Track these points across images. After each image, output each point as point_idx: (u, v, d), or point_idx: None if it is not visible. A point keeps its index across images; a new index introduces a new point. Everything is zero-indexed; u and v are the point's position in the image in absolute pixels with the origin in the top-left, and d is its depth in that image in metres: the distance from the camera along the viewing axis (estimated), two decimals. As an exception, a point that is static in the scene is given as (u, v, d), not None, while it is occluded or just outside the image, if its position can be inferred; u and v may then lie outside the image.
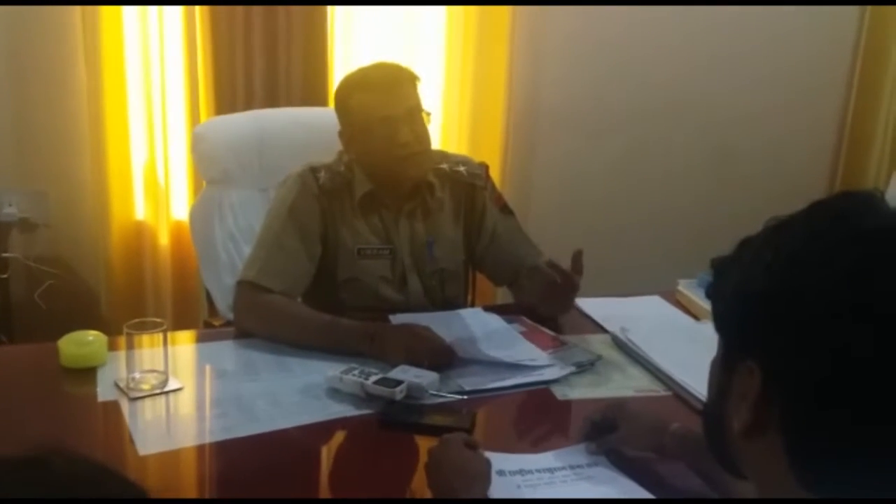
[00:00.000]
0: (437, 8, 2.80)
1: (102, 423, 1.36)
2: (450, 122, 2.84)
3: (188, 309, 2.73)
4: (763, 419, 0.67)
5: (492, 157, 2.78)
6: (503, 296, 2.02)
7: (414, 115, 1.69)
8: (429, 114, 1.73)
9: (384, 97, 1.68)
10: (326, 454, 1.34)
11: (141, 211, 2.69)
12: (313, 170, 1.75)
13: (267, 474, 1.21)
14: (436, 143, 1.92)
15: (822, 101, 3.24)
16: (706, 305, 1.86)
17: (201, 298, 2.70)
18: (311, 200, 1.73)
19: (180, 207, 2.72)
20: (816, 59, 3.15)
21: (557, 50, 2.93)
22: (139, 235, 2.69)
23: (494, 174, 2.11)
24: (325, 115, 2.46)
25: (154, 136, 2.62)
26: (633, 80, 3.01)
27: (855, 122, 3.26)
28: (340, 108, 1.76)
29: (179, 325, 2.60)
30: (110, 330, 2.50)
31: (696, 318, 1.86)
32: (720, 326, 0.75)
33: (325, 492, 1.26)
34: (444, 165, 1.82)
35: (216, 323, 2.11)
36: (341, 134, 1.77)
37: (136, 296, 2.70)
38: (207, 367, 1.54)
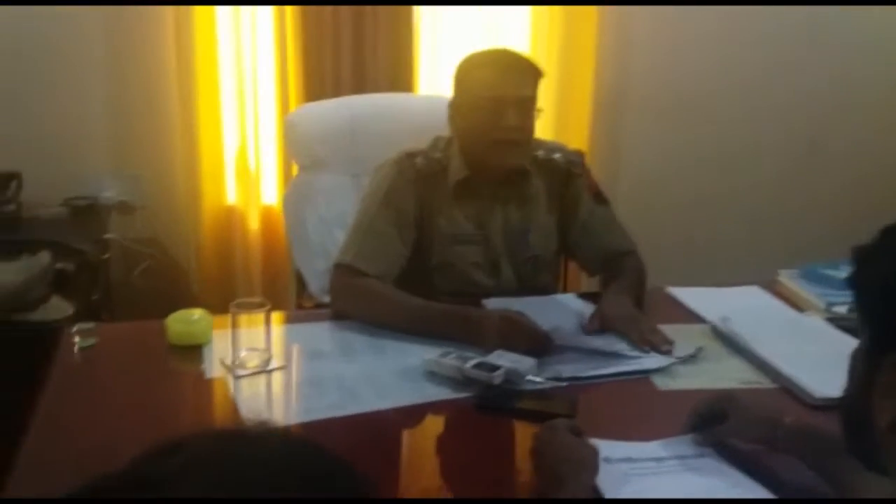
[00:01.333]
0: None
1: (212, 399, 1.40)
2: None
3: (276, 291, 2.78)
4: None
5: (579, 144, 2.75)
6: (594, 284, 1.98)
7: (525, 105, 1.68)
8: (540, 109, 1.72)
9: (502, 78, 1.67)
10: (427, 436, 1.35)
11: (232, 195, 2.76)
12: (410, 155, 1.76)
13: (370, 454, 1.22)
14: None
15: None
16: (810, 297, 1.81)
17: (290, 281, 2.75)
18: (408, 186, 1.74)
19: (270, 193, 2.78)
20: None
21: (646, 41, 2.87)
22: (230, 219, 2.76)
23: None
24: (415, 102, 2.49)
25: (245, 122, 2.68)
26: (724, 70, 2.93)
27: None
28: (458, 78, 1.76)
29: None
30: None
31: (799, 309, 1.80)
32: (866, 318, 0.72)
33: (426, 474, 1.26)
34: (540, 153, 1.81)
35: (308, 305, 2.14)
36: (451, 105, 1.77)
37: (227, 277, 2.77)
38: (305, 347, 1.56)
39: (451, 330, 1.55)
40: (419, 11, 2.69)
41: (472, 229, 1.78)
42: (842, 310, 1.73)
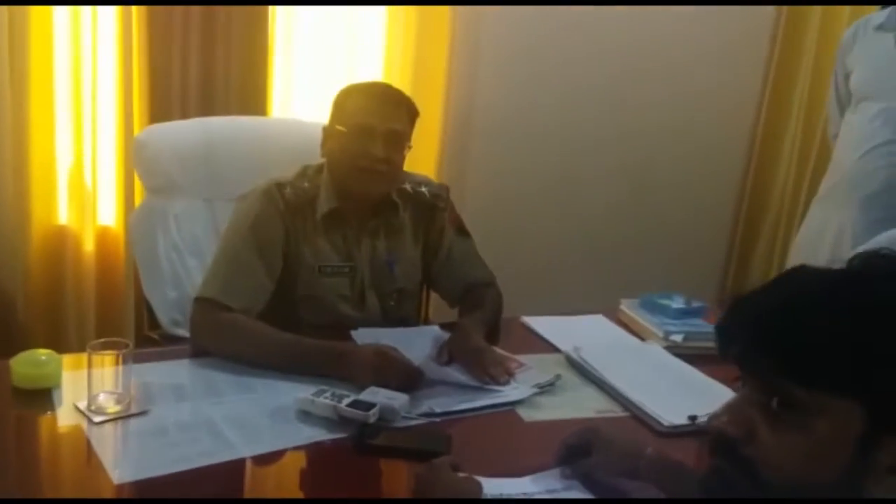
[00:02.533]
0: (378, 22, 2.80)
1: (69, 448, 1.30)
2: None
3: (113, 319, 2.62)
4: None
5: (427, 171, 2.81)
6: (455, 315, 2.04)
7: (396, 139, 1.71)
8: (410, 147, 1.75)
9: (378, 108, 1.71)
10: (306, 481, 1.32)
11: (64, 215, 2.57)
12: (279, 185, 1.73)
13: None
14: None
15: (734, 122, 3.46)
16: (649, 325, 1.96)
17: (128, 309, 2.61)
18: (276, 217, 1.71)
19: (107, 213, 2.62)
20: (731, 82, 3.36)
21: (492, 73, 3.01)
22: (62, 240, 2.57)
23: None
24: (271, 125, 2.45)
25: (83, 137, 2.51)
26: (563, 104, 3.12)
27: (763, 141, 3.48)
28: (335, 104, 1.78)
29: (102, 335, 2.47)
30: (29, 340, 2.38)
31: (640, 337, 1.95)
32: (870, 404, 0.74)
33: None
34: (407, 185, 1.84)
35: (155, 336, 2.04)
36: (324, 129, 1.78)
37: (57, 304, 2.57)
38: (167, 389, 1.49)
39: (324, 366, 1.54)
40: (273, 33, 2.65)
41: (339, 261, 1.78)
42: (678, 338, 1.89)
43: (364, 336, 1.69)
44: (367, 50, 2.81)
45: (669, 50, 3.20)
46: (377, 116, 1.69)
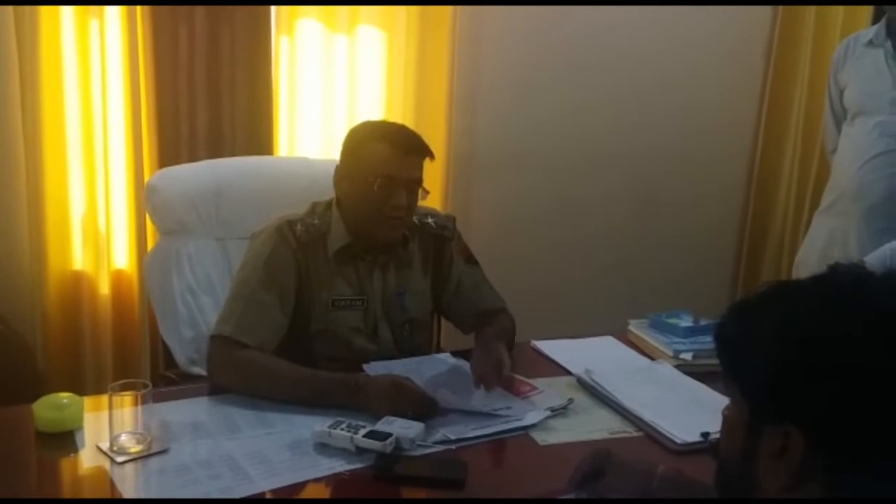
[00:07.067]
0: (377, 58, 2.86)
1: (93, 489, 1.33)
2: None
3: (129, 360, 2.66)
4: (804, 477, 0.75)
5: (432, 202, 2.85)
6: (466, 342, 2.06)
7: (414, 187, 1.74)
8: (427, 192, 1.78)
9: (400, 158, 1.71)
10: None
11: (79, 260, 2.62)
12: (290, 223, 1.77)
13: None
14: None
15: (734, 136, 3.49)
16: (658, 345, 1.98)
17: (144, 349, 2.64)
18: (288, 254, 1.74)
19: (120, 256, 2.67)
20: (729, 97, 3.40)
21: (493, 107, 3.05)
22: (78, 285, 2.61)
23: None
24: (279, 164, 2.50)
25: (95, 184, 2.57)
26: (567, 125, 3.16)
27: (764, 155, 3.50)
28: (350, 146, 1.78)
29: (120, 376, 2.52)
30: (49, 383, 2.41)
31: (650, 357, 1.97)
32: (744, 391, 0.83)
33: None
34: (414, 218, 1.88)
35: (171, 375, 2.07)
36: (339, 170, 1.79)
37: (75, 347, 2.61)
38: (186, 427, 1.51)
39: (340, 398, 1.56)
40: (277, 73, 2.71)
41: (352, 294, 1.81)
42: (688, 357, 1.91)
43: (376, 370, 1.71)
44: (368, 86, 2.86)
45: (667, 69, 3.25)
46: (400, 167, 1.71)
